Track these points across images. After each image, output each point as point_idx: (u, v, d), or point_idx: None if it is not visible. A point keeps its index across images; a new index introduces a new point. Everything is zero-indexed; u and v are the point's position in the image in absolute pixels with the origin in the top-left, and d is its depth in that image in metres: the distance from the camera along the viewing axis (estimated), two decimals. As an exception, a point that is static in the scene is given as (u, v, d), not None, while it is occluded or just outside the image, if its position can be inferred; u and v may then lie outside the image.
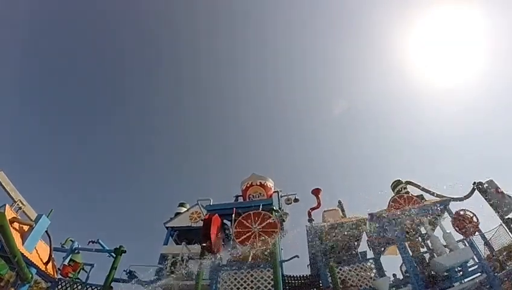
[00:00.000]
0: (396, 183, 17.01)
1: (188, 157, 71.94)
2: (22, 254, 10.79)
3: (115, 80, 68.13)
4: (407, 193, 16.09)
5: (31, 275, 11.31)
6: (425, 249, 14.78)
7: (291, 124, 75.51)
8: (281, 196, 17.76)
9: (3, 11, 45.63)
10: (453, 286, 12.21)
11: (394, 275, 14.04)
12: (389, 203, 15.22)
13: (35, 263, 11.89)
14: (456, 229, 14.00)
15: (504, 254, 13.60)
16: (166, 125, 73.03)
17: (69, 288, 12.85)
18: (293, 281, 14.34)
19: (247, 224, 13.77)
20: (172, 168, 69.68)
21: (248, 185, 17.59)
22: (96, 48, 65.64)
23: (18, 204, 12.77)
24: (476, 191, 15.09)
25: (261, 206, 14.38)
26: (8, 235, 9.91)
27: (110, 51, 68.26)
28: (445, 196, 15.32)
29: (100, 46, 66.21)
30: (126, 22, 66.05)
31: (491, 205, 14.60)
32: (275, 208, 14.95)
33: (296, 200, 17.30)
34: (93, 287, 13.04)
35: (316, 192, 16.64)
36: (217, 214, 13.77)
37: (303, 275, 14.52)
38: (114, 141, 68.62)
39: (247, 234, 13.64)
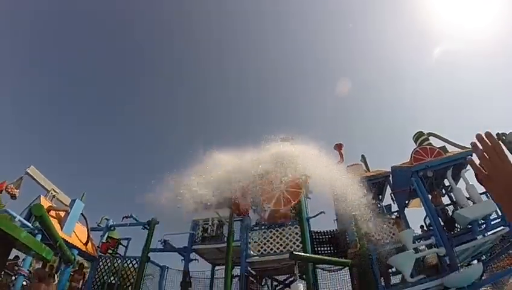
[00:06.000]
0: (418, 135, 16.70)
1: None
2: (63, 238, 11.04)
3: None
4: (430, 144, 16.00)
5: (73, 257, 11.66)
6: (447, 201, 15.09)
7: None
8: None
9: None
10: (476, 239, 12.59)
11: (422, 226, 14.46)
12: (411, 155, 15.18)
13: (75, 245, 12.21)
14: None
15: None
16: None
17: (109, 263, 13.33)
18: (321, 237, 14.89)
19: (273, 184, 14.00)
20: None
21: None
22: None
23: (52, 193, 12.78)
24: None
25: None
26: (47, 224, 10.28)
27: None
28: (468, 147, 15.27)
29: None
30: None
31: (514, 155, 14.70)
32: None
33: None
34: (131, 259, 13.54)
35: (338, 147, 16.54)
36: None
37: (330, 231, 15.01)
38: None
39: (273, 193, 13.92)
